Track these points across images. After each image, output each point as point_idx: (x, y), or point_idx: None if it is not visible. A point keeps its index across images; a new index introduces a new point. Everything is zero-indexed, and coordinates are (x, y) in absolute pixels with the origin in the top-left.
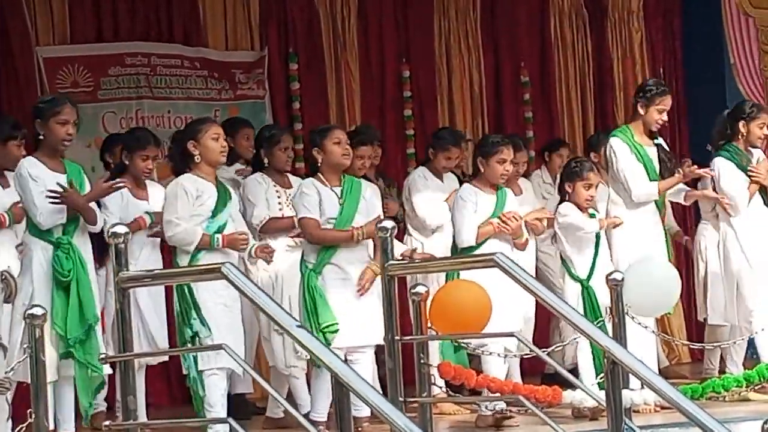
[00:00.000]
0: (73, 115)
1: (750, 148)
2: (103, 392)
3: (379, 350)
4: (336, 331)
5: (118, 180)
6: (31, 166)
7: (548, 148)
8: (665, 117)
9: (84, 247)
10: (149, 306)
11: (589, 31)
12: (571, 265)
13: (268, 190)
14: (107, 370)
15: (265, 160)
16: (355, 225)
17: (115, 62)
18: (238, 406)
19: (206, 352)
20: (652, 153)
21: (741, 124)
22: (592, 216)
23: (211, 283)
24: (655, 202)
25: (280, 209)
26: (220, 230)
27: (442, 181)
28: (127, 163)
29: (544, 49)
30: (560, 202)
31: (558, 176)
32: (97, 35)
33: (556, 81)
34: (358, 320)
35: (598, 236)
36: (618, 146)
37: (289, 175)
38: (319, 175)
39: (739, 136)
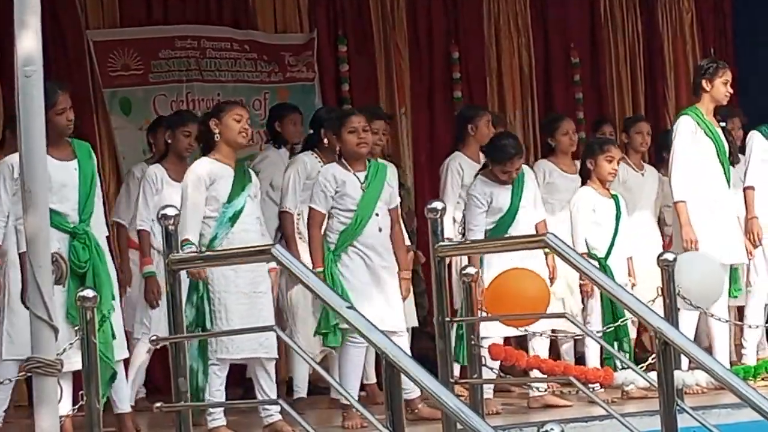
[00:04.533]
0: (67, 100)
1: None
2: (141, 378)
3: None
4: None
5: None
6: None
7: (592, 128)
8: (730, 89)
9: (99, 233)
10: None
11: (639, 11)
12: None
13: (312, 170)
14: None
15: (325, 141)
16: (377, 211)
17: (165, 45)
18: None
19: (213, 342)
20: (721, 133)
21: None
22: (614, 197)
23: (226, 271)
24: (726, 178)
25: None
26: (236, 215)
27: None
28: (169, 141)
29: (594, 29)
30: (582, 182)
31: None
32: (147, 18)
33: (606, 62)
34: (379, 305)
35: (618, 214)
36: (683, 127)
37: None
38: (343, 161)
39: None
